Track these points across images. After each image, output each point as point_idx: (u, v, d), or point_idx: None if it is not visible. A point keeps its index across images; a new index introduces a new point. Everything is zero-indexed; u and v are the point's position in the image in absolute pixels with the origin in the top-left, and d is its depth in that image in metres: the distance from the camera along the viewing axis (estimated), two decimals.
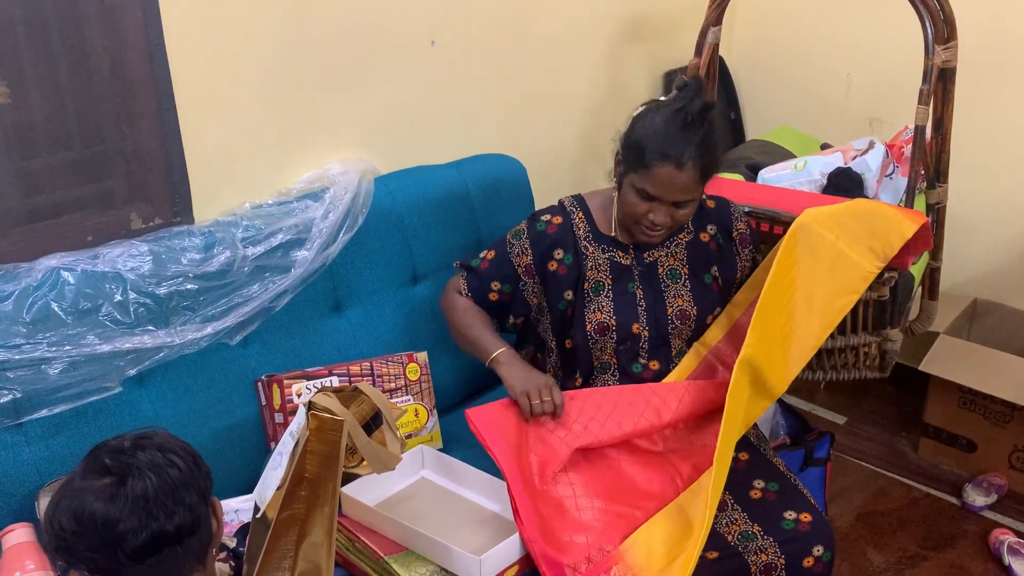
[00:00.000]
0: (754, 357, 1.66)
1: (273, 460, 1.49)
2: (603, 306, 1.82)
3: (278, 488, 1.41)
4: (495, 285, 1.90)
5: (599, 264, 1.84)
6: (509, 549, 1.59)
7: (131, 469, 1.04)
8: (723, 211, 1.92)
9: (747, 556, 1.64)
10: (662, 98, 1.82)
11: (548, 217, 1.88)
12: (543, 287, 1.87)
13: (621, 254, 1.86)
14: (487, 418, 1.74)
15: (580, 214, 1.88)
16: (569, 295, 1.84)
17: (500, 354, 1.83)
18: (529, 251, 1.87)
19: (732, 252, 1.91)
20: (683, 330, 1.85)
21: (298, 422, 1.44)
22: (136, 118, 1.75)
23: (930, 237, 1.84)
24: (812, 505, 1.73)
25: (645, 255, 1.86)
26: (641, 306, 1.83)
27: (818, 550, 1.67)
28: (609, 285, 1.84)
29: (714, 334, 1.89)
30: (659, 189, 1.71)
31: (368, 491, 1.74)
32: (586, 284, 1.83)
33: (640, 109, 1.80)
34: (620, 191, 1.80)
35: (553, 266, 1.85)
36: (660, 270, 1.86)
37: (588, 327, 1.81)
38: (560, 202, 1.93)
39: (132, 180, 1.79)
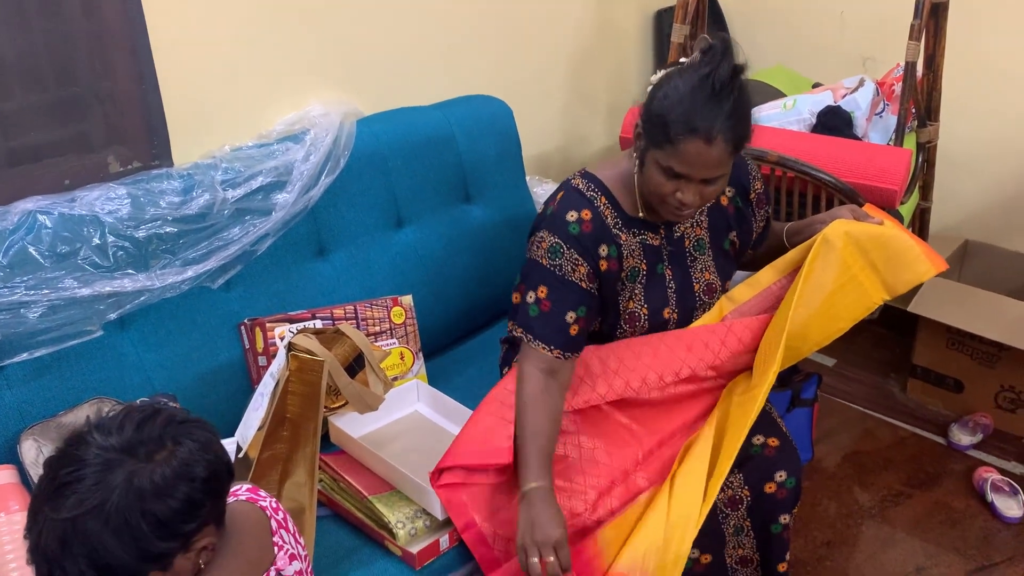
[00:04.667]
0: (756, 387, 1.62)
1: (254, 401, 1.50)
2: (635, 294, 1.70)
3: (259, 428, 1.43)
4: (570, 317, 1.62)
5: (633, 251, 1.69)
6: None
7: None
8: (741, 171, 1.77)
9: None
10: (683, 60, 1.59)
11: (575, 216, 1.64)
12: (604, 287, 1.69)
13: (651, 235, 1.71)
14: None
15: (603, 200, 1.67)
16: (619, 286, 1.71)
17: (530, 491, 1.50)
18: (582, 261, 1.62)
19: (749, 214, 1.79)
20: (708, 304, 1.77)
21: (278, 363, 1.44)
22: (110, 59, 1.72)
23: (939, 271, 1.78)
24: (783, 433, 1.73)
25: (673, 230, 1.73)
26: (671, 288, 1.72)
27: (781, 475, 1.66)
28: (644, 271, 1.70)
29: (740, 294, 1.78)
30: (687, 167, 1.52)
31: (360, 422, 1.75)
32: (623, 274, 1.69)
33: (659, 75, 1.58)
34: (642, 168, 1.61)
35: (604, 265, 1.66)
36: (687, 243, 1.74)
37: (622, 317, 1.71)
38: (573, 188, 1.68)
39: (109, 123, 1.77)
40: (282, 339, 1.78)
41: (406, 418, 1.85)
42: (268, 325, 1.77)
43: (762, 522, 1.69)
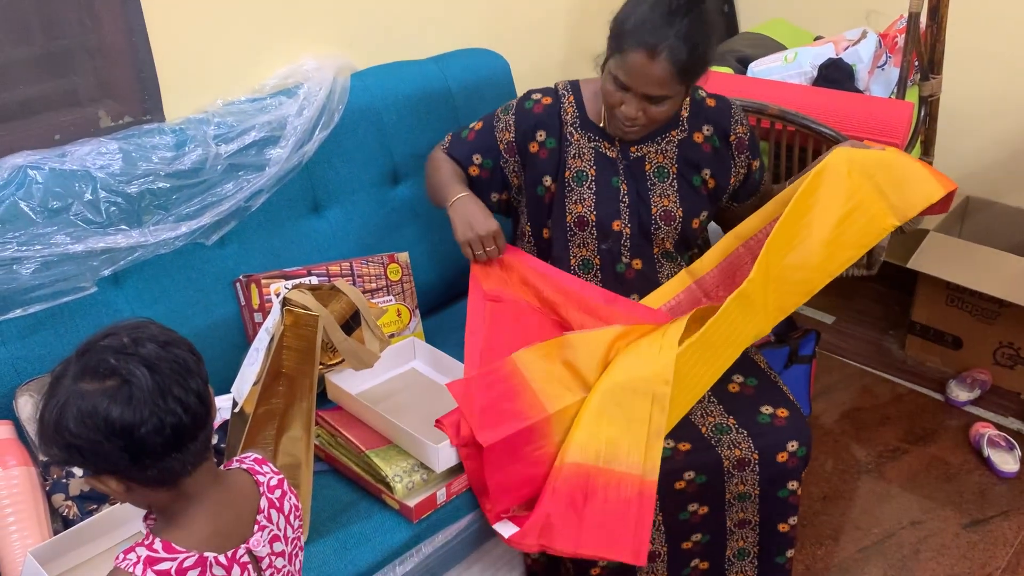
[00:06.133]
0: (753, 293, 1.59)
1: (250, 356, 1.49)
2: (584, 198, 1.76)
3: (255, 383, 1.42)
4: (476, 158, 1.83)
5: (583, 153, 1.77)
6: None
7: (136, 366, 0.98)
8: (723, 112, 1.81)
9: (720, 450, 1.65)
10: None
11: (538, 96, 1.81)
12: (523, 168, 1.82)
13: (607, 145, 1.78)
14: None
15: (571, 98, 1.80)
16: (547, 181, 1.78)
17: (457, 200, 1.75)
18: (512, 128, 1.80)
19: (728, 156, 1.81)
20: (667, 231, 1.78)
21: (273, 317, 1.43)
22: (99, 11, 1.68)
23: (951, 202, 1.74)
24: (791, 401, 1.73)
25: (632, 149, 1.78)
26: (624, 202, 1.77)
27: (792, 445, 1.67)
28: (592, 176, 1.77)
29: (705, 264, 1.80)
30: (629, 78, 1.61)
31: (357, 379, 1.75)
32: (568, 172, 1.77)
33: None
34: (603, 77, 1.71)
35: (534, 148, 1.79)
36: (647, 167, 1.78)
37: (568, 218, 1.77)
38: (555, 85, 1.85)
39: (99, 77, 1.74)
40: (277, 295, 1.77)
41: (403, 375, 1.85)
42: (263, 281, 1.76)
43: (769, 487, 1.70)
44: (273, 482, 1.14)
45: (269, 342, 1.41)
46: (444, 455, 1.54)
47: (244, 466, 1.15)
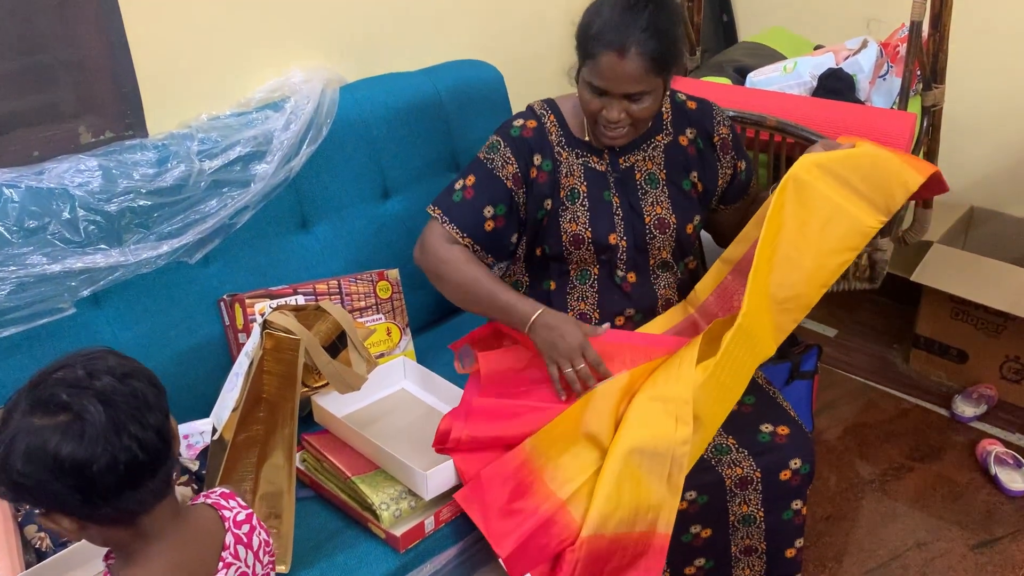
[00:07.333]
0: (750, 325, 1.55)
1: (229, 381, 1.44)
2: (578, 216, 1.71)
3: (234, 409, 1.37)
4: (488, 211, 1.67)
5: (573, 170, 1.72)
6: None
7: (90, 400, 0.93)
8: (705, 114, 1.78)
9: (721, 469, 1.60)
10: None
11: (521, 122, 1.73)
12: (529, 197, 1.73)
13: (595, 159, 1.74)
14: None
15: (552, 117, 1.74)
16: (548, 204, 1.72)
17: (536, 319, 1.59)
18: (513, 160, 1.69)
19: (713, 158, 1.78)
20: (663, 240, 1.74)
21: (253, 341, 1.39)
22: (78, 25, 1.64)
23: (943, 182, 1.69)
24: (791, 418, 1.68)
25: (621, 160, 1.74)
26: (618, 215, 1.73)
27: (795, 463, 1.62)
28: (584, 193, 1.72)
29: (700, 293, 1.76)
30: (604, 81, 1.56)
31: (344, 401, 1.69)
32: (561, 192, 1.72)
33: None
34: (578, 87, 1.66)
35: (534, 173, 1.70)
36: (637, 176, 1.74)
37: (564, 238, 1.71)
38: (529, 107, 1.78)
39: (79, 92, 1.70)
40: (262, 315, 1.72)
41: (392, 396, 1.80)
42: (248, 301, 1.72)
43: (773, 507, 1.64)
44: (240, 517, 1.09)
45: (248, 367, 1.36)
46: (433, 482, 1.49)
47: (209, 501, 1.10)
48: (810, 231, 1.59)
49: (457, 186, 1.70)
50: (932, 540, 2.15)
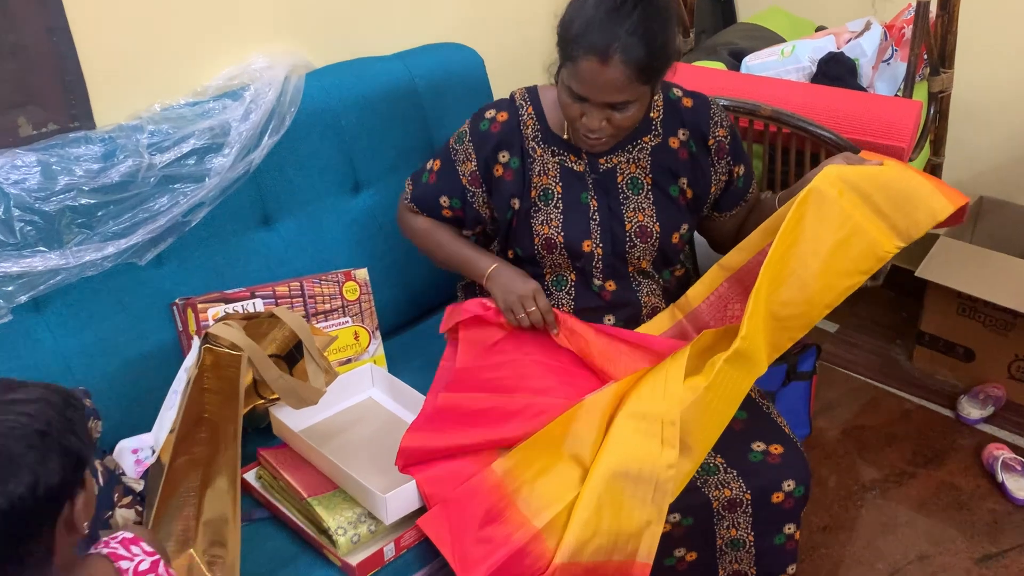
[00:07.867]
0: (747, 349, 1.43)
1: (168, 398, 1.34)
2: (551, 219, 1.59)
3: (171, 431, 1.26)
4: (444, 200, 1.67)
5: (548, 169, 1.60)
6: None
7: None
8: (701, 113, 1.61)
9: (708, 491, 1.49)
10: None
11: (493, 114, 1.62)
12: (489, 195, 1.64)
13: (573, 159, 1.60)
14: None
15: (530, 109, 1.61)
16: (516, 204, 1.61)
17: (491, 271, 1.63)
18: (473, 156, 1.61)
19: (707, 163, 1.62)
20: (643, 249, 1.61)
21: (191, 356, 1.27)
22: (13, 9, 1.52)
23: (964, 215, 1.55)
24: (786, 436, 1.57)
25: (601, 161, 1.60)
26: (594, 220, 1.59)
27: (789, 484, 1.51)
28: (559, 194, 1.59)
29: (692, 299, 1.63)
30: (584, 88, 1.42)
31: (306, 412, 1.57)
32: (533, 192, 1.60)
33: None
34: (558, 88, 1.52)
35: (499, 171, 1.61)
36: (619, 179, 1.60)
37: (536, 240, 1.60)
38: (511, 95, 1.66)
39: (17, 81, 1.57)
40: (216, 321, 1.61)
41: (358, 405, 1.69)
42: (200, 305, 1.60)
43: (764, 531, 1.53)
44: (144, 566, 0.98)
45: (187, 384, 1.25)
46: (393, 505, 1.38)
47: (106, 551, 0.98)
48: (823, 248, 1.45)
49: (428, 166, 1.71)
50: (934, 553, 2.04)
